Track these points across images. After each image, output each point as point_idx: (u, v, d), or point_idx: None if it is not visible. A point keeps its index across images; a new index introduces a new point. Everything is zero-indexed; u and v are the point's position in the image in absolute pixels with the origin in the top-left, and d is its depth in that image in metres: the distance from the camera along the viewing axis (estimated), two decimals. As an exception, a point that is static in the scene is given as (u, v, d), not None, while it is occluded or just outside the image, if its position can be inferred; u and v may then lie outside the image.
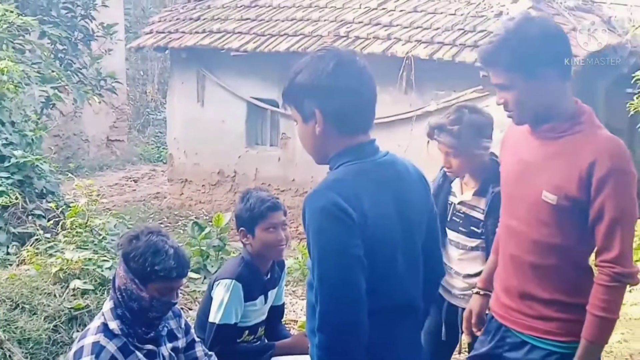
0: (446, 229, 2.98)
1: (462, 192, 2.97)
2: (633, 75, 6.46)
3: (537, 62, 2.09)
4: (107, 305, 2.45)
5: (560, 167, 2.11)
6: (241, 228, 2.97)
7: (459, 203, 2.97)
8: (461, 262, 2.97)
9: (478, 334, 2.54)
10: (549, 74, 2.13)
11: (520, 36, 2.11)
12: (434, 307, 3.12)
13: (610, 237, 2.09)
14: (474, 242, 2.91)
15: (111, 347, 2.35)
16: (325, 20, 8.50)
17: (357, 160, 1.87)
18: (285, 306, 3.64)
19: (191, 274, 4.91)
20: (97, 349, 2.34)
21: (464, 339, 2.88)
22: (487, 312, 2.55)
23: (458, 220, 2.95)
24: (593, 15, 7.92)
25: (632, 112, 6.55)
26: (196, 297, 4.73)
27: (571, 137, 2.15)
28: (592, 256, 2.26)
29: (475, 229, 2.89)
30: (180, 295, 2.58)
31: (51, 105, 7.25)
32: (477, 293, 2.61)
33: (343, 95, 1.84)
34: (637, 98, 6.47)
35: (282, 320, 3.34)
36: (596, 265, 2.17)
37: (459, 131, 2.84)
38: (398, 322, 1.91)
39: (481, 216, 2.87)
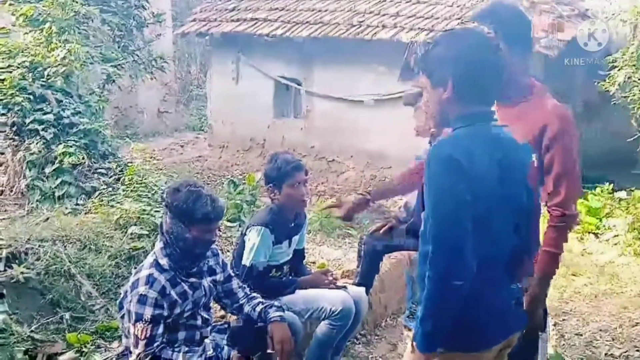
0: None
1: None
2: (605, 58, 6.35)
3: (509, 40, 2.15)
4: (158, 245, 2.48)
5: (519, 128, 2.13)
6: (269, 184, 2.98)
7: None
8: None
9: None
10: (514, 52, 2.21)
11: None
12: None
13: (557, 186, 2.19)
14: None
15: (162, 278, 2.39)
16: (341, 11, 8.40)
17: (475, 122, 1.85)
18: (306, 250, 3.68)
19: (228, 223, 4.96)
20: (151, 280, 2.38)
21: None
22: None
23: None
24: (571, 8, 7.74)
25: (603, 90, 6.47)
26: (232, 242, 4.78)
27: (525, 104, 2.23)
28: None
29: None
30: (218, 238, 2.60)
31: (111, 81, 7.25)
32: (364, 195, 2.76)
33: (475, 69, 1.83)
34: (608, 79, 6.36)
35: (304, 261, 3.37)
36: (547, 210, 2.24)
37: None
38: (490, 271, 1.85)
39: None
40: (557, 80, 8.07)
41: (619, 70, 6.16)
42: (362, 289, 3.26)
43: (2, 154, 5.25)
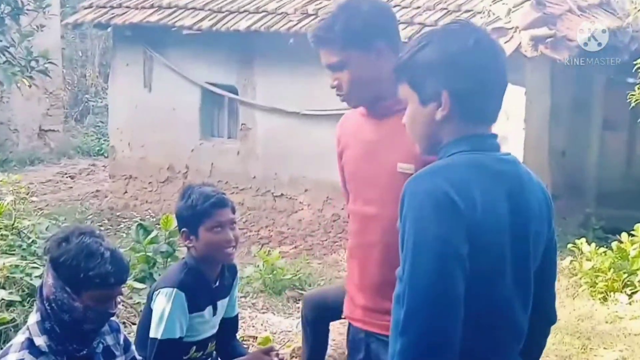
0: None
1: None
2: (634, 62, 6.57)
3: (371, 35, 2.29)
4: (33, 318, 2.41)
5: (407, 137, 2.12)
6: (183, 229, 2.96)
7: None
8: None
9: None
10: (383, 48, 2.33)
11: (352, 11, 2.33)
12: None
13: None
14: None
15: (37, 366, 2.32)
16: (291, -4, 8.52)
17: (474, 151, 1.83)
18: (244, 320, 3.64)
19: (135, 284, 4.88)
20: (22, 368, 2.30)
21: None
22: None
23: None
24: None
25: (633, 105, 6.66)
26: (140, 310, 4.69)
27: (397, 116, 2.24)
28: None
29: None
30: (121, 307, 2.55)
31: (-27, 89, 7.13)
32: None
33: (478, 77, 1.81)
34: (638, 88, 6.57)
35: (238, 335, 3.33)
36: None
37: None
38: (496, 349, 1.84)
39: None
40: (568, 91, 8.39)
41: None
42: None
43: None
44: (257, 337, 4.65)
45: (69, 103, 14.67)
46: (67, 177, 11.48)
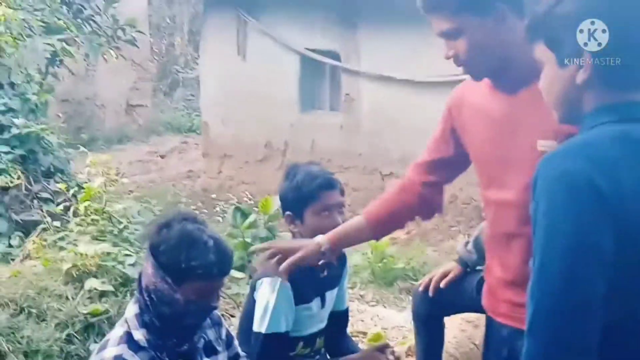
0: None
1: None
2: None
3: None
4: (132, 310, 2.49)
5: (546, 110, 2.05)
6: (287, 212, 2.99)
7: None
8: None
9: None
10: (504, 10, 2.25)
11: None
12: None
13: None
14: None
15: (136, 361, 2.41)
16: (400, -52, 8.43)
17: (623, 121, 1.77)
18: (352, 314, 3.66)
19: (234, 273, 4.97)
20: (120, 363, 2.40)
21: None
22: None
23: None
24: None
25: None
26: (239, 302, 4.79)
27: (527, 90, 2.24)
28: None
29: None
30: (221, 298, 2.61)
31: (58, 62, 7.41)
32: (319, 245, 2.71)
33: (629, 32, 1.77)
34: None
35: (348, 330, 3.36)
36: None
37: None
38: None
39: None
40: None
41: None
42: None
43: None
44: (366, 333, 4.68)
45: (157, 75, 15.00)
46: (157, 157, 11.74)
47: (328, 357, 3.17)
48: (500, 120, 2.37)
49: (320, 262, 2.74)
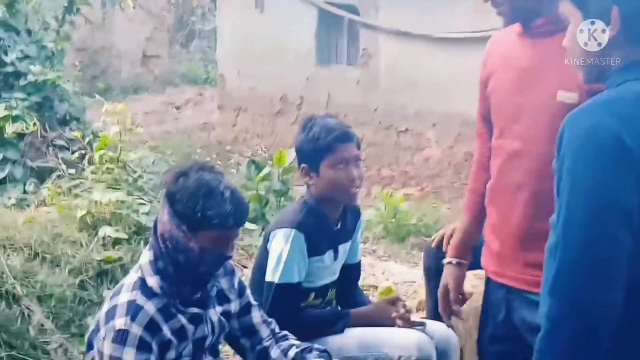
0: None
1: None
2: None
3: None
4: (146, 257, 2.50)
5: (552, 74, 2.11)
6: (303, 164, 2.98)
7: None
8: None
9: (458, 312, 2.79)
10: None
11: None
12: None
13: None
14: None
15: (150, 307, 2.41)
16: None
17: None
18: (363, 268, 3.67)
19: (247, 224, 4.99)
20: (133, 309, 2.40)
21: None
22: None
23: None
24: None
25: None
26: (252, 253, 4.82)
27: (556, 37, 2.15)
28: None
29: None
30: (235, 249, 2.61)
31: (75, 10, 7.37)
32: (450, 263, 2.72)
33: None
34: None
35: (359, 284, 3.37)
36: None
37: None
38: None
39: None
40: None
41: None
42: (449, 329, 3.24)
43: None
44: (377, 287, 4.70)
45: (174, 26, 14.94)
46: (172, 108, 11.76)
47: (339, 308, 3.19)
48: (523, 67, 2.36)
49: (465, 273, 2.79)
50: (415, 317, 3.22)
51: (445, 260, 2.76)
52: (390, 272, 5.17)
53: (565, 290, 1.68)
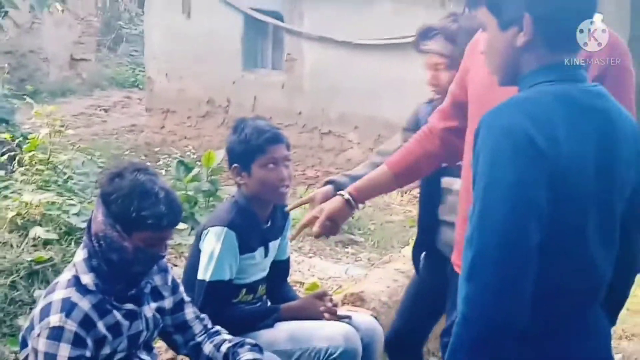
0: (443, 178, 2.97)
1: None
2: None
3: None
4: (80, 255, 2.47)
5: None
6: (234, 164, 2.99)
7: None
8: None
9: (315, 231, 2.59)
10: None
11: None
12: (433, 267, 3.15)
13: None
14: None
15: (84, 304, 2.38)
16: None
17: (560, 81, 1.80)
18: (292, 264, 3.69)
19: (176, 224, 4.97)
20: (68, 305, 2.37)
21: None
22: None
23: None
24: None
25: None
26: (182, 252, 4.80)
27: None
28: None
29: None
30: (167, 248, 2.60)
31: (3, 14, 7.21)
32: (342, 196, 2.55)
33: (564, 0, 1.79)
34: None
35: (288, 279, 3.39)
36: None
37: (455, 33, 2.86)
38: (575, 299, 1.83)
39: None
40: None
41: None
42: (374, 320, 3.28)
43: None
44: (304, 283, 4.73)
45: (101, 30, 14.74)
46: (100, 110, 11.62)
47: (269, 303, 3.20)
48: None
49: (351, 214, 2.62)
50: (341, 310, 3.26)
51: (339, 192, 2.59)
52: (316, 269, 5.21)
53: (480, 277, 1.70)
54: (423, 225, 3.22)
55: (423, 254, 3.28)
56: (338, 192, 2.61)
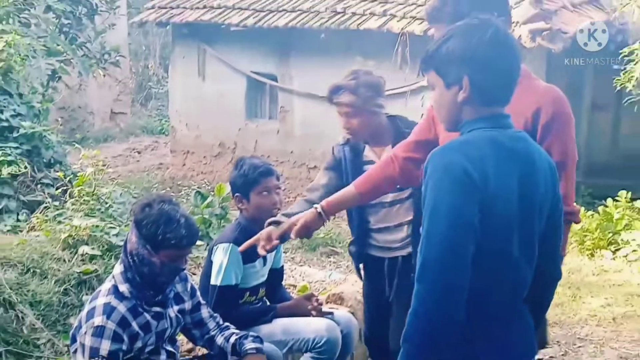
0: None
1: (379, 156, 2.94)
2: (620, 51, 6.45)
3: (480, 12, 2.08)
4: (118, 268, 2.46)
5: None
6: (236, 194, 2.99)
7: None
8: (398, 216, 2.96)
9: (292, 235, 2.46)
10: None
11: None
12: (372, 269, 3.10)
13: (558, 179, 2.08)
14: (405, 193, 2.92)
15: (122, 308, 2.38)
16: (323, -3, 8.45)
17: (491, 128, 1.81)
18: (285, 272, 3.67)
19: (194, 241, 4.93)
20: (109, 309, 2.36)
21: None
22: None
23: None
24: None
25: (618, 87, 6.55)
26: (199, 263, 4.76)
27: None
28: None
29: None
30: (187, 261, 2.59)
31: (57, 78, 7.22)
32: (315, 208, 2.41)
33: (494, 65, 1.79)
34: (623, 74, 6.46)
35: (283, 283, 3.37)
36: None
37: (356, 87, 2.86)
38: (503, 296, 1.82)
39: None
40: (561, 77, 8.25)
41: (635, 64, 6.25)
42: (351, 316, 3.26)
43: None
44: (296, 286, 4.70)
45: (135, 90, 14.73)
46: (134, 152, 11.54)
47: (268, 303, 3.18)
48: None
49: (322, 224, 2.46)
50: (325, 308, 3.24)
51: (316, 207, 2.43)
52: (305, 274, 5.18)
53: (427, 279, 1.70)
54: (357, 232, 3.13)
55: (361, 265, 3.21)
56: (313, 205, 2.47)
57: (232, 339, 2.66)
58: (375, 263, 3.07)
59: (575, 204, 2.39)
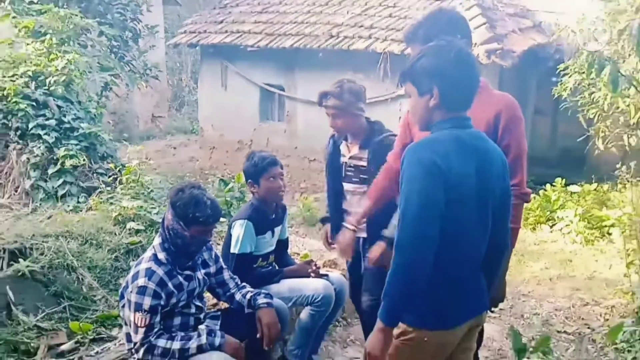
0: (343, 183, 2.95)
1: (350, 151, 2.93)
2: (557, 67, 6.46)
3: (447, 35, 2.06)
4: (157, 240, 2.46)
5: (474, 119, 2.05)
6: (249, 180, 2.99)
7: (349, 159, 2.92)
8: (359, 205, 2.92)
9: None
10: None
11: (432, 19, 2.24)
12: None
13: (515, 168, 2.16)
14: (364, 187, 2.89)
15: (160, 271, 2.38)
16: (320, 23, 8.42)
17: (455, 128, 1.82)
18: (290, 242, 3.67)
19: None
20: (150, 272, 2.36)
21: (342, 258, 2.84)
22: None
23: (350, 173, 2.92)
24: (528, 20, 7.84)
25: (556, 96, 6.58)
26: (222, 236, 4.75)
27: (476, 96, 2.12)
28: None
29: (364, 176, 2.85)
30: (212, 234, 2.58)
31: (109, 89, 7.18)
32: (347, 228, 2.61)
33: (458, 78, 1.80)
34: (560, 85, 6.47)
35: (288, 251, 3.37)
36: None
37: (341, 93, 2.83)
38: (462, 261, 1.84)
39: (366, 164, 2.83)
40: (511, 88, 8.24)
41: (569, 77, 6.27)
42: (343, 277, 3.26)
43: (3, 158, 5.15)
44: (299, 254, 4.69)
45: (171, 98, 14.68)
46: (171, 148, 11.52)
47: (277, 267, 3.18)
48: None
49: (356, 237, 2.64)
50: (322, 271, 3.24)
51: (350, 226, 2.63)
52: (307, 244, 5.18)
53: (403, 248, 1.72)
54: (333, 215, 3.11)
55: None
56: (346, 227, 2.63)
57: (248, 296, 2.67)
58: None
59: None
